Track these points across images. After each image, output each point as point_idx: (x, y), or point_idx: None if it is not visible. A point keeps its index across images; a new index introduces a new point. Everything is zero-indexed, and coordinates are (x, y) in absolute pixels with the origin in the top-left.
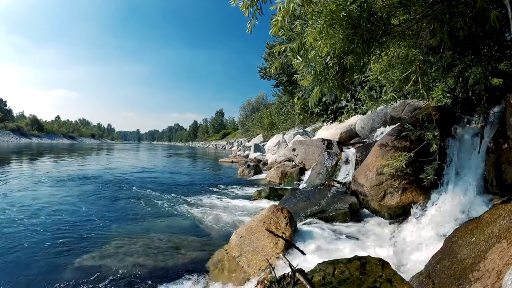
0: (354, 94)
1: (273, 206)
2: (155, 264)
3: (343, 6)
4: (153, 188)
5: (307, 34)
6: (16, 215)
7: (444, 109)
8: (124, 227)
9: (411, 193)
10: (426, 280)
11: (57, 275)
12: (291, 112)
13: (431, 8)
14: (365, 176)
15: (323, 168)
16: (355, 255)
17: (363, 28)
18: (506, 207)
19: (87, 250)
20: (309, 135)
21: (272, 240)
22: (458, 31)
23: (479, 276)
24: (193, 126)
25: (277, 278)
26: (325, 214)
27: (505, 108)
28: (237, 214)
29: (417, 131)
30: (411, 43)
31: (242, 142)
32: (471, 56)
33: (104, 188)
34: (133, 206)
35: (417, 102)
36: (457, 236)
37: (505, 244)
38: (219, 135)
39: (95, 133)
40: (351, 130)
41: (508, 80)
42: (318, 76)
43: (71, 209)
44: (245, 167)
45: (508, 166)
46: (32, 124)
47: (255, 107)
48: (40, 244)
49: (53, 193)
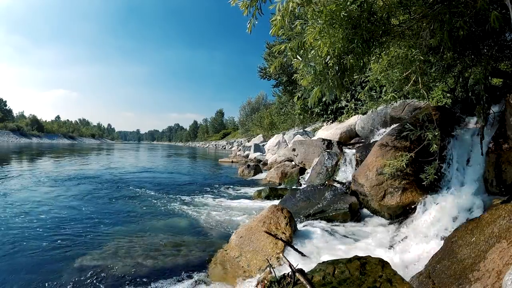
0: (354, 94)
1: (273, 206)
2: (155, 264)
3: (343, 6)
4: (153, 188)
5: (307, 34)
6: (16, 215)
7: (444, 109)
8: (124, 227)
9: (411, 193)
10: (426, 280)
11: (56, 275)
12: (291, 112)
13: (431, 8)
14: (365, 176)
15: (323, 168)
16: (355, 255)
17: (363, 28)
18: (506, 207)
19: (87, 250)
20: (309, 135)
21: (272, 240)
22: (458, 31)
23: (479, 276)
24: (193, 126)
25: (277, 278)
26: (325, 214)
27: (505, 108)
28: (237, 214)
29: (417, 131)
30: (411, 43)
31: (242, 142)
32: (471, 56)
33: (104, 188)
34: (133, 206)
35: (417, 102)
36: (457, 236)
37: (505, 244)
38: (219, 135)
39: (95, 133)
40: (351, 130)
41: (508, 80)
42: (318, 76)
43: (70, 209)
44: (245, 167)
45: (508, 166)
46: (32, 124)
47: (255, 107)
48: (40, 244)
49: (53, 193)
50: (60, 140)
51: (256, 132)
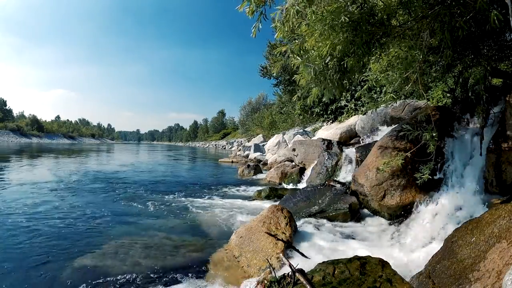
0: (354, 94)
1: (273, 206)
2: (154, 264)
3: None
4: (153, 188)
5: (308, 37)
6: (15, 215)
7: (444, 109)
8: (124, 227)
9: (411, 193)
10: (426, 280)
11: (56, 275)
12: (292, 112)
13: (431, 8)
14: (365, 176)
15: (323, 168)
16: (355, 255)
17: (364, 30)
18: (506, 207)
19: (86, 250)
20: (309, 135)
21: (272, 240)
22: (458, 31)
23: (479, 276)
24: (193, 126)
25: (277, 278)
26: (325, 214)
27: (505, 108)
28: (237, 214)
29: (415, 132)
30: (411, 43)
31: (242, 142)
32: (471, 56)
33: (103, 188)
34: (132, 206)
35: (417, 102)
36: (457, 236)
37: (505, 244)
38: (219, 135)
39: (95, 133)
40: (351, 130)
41: (508, 80)
42: (318, 76)
43: (70, 209)
44: (245, 167)
45: (508, 166)
46: (32, 124)
47: (255, 107)
48: (40, 244)
49: (52, 193)
50: (60, 140)
51: (256, 132)
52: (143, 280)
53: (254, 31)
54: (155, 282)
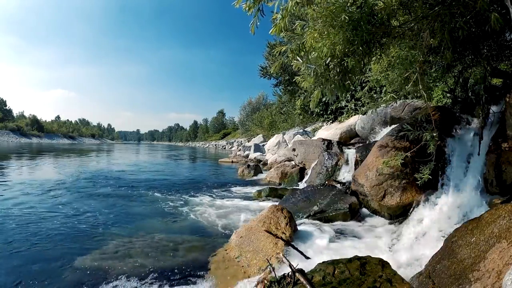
0: (354, 94)
1: (273, 206)
2: (154, 264)
3: (343, 7)
4: (153, 188)
5: (307, 35)
6: (15, 216)
7: (444, 109)
8: (124, 227)
9: (411, 193)
10: (426, 280)
11: (56, 275)
12: (292, 111)
13: (432, 9)
14: (365, 176)
15: (323, 168)
16: (355, 255)
17: (364, 30)
18: (506, 207)
19: (86, 250)
20: (309, 135)
21: (272, 240)
22: (458, 31)
23: (479, 276)
24: (193, 126)
25: (277, 278)
26: (325, 214)
27: (505, 108)
28: (237, 214)
29: (415, 132)
30: (412, 44)
31: (242, 142)
32: (471, 56)
33: (103, 188)
34: (132, 206)
35: (417, 102)
36: (457, 236)
37: (505, 244)
38: (219, 135)
39: (95, 133)
40: (351, 130)
41: (508, 80)
42: (319, 78)
43: (70, 209)
44: (245, 167)
45: (508, 166)
46: (32, 124)
47: (255, 107)
48: (40, 244)
49: (52, 193)
50: (60, 140)
51: (256, 132)
52: (143, 280)
53: (252, 27)
54: (155, 282)
